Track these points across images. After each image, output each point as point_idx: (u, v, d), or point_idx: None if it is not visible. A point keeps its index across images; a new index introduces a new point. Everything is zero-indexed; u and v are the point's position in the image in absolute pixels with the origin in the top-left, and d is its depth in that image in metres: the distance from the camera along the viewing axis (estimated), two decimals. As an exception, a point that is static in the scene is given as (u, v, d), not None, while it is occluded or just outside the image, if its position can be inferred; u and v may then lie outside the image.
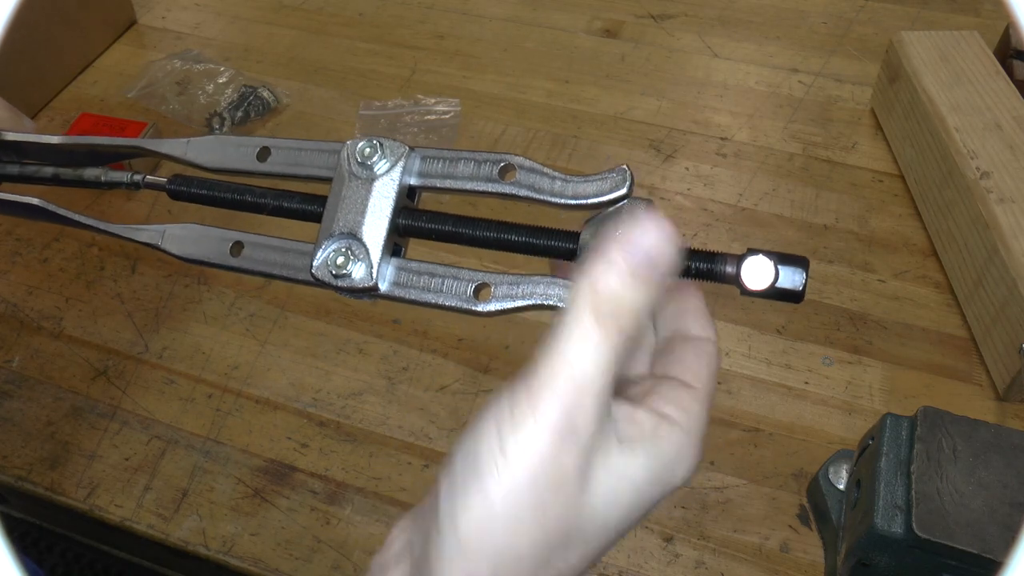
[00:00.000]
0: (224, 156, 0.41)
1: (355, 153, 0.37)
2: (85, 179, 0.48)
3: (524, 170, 0.36)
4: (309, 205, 0.39)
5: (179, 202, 0.44)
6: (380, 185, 0.36)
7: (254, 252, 0.40)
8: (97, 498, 0.66)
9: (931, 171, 0.80)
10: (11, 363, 0.74)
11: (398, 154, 0.36)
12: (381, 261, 0.36)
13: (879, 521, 0.50)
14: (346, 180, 0.37)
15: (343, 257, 0.36)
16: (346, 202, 0.36)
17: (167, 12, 1.12)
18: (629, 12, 1.09)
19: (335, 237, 0.36)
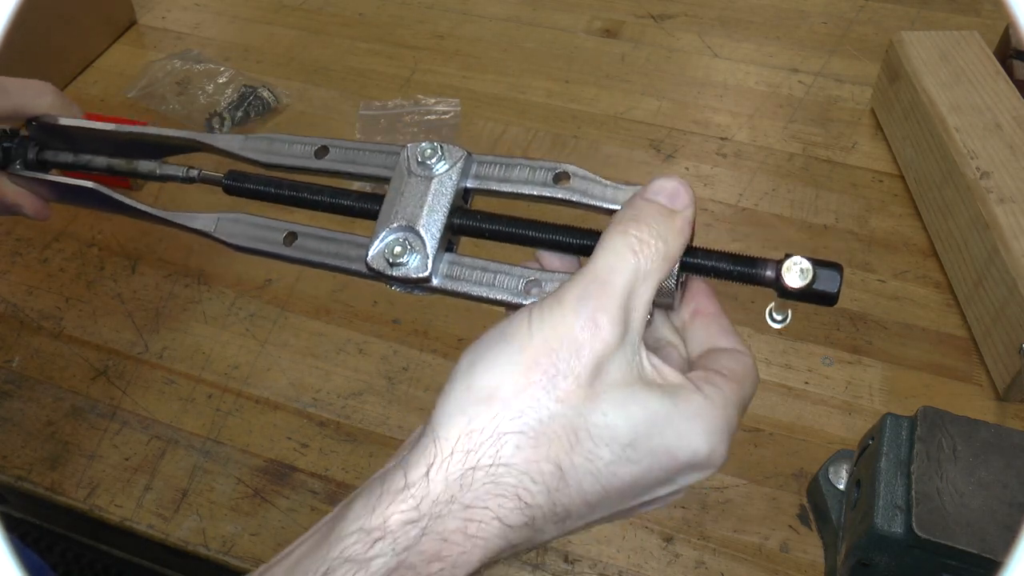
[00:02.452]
0: (280, 153, 0.43)
1: (416, 154, 0.38)
2: (139, 171, 0.49)
3: (578, 177, 0.38)
4: (366, 203, 0.41)
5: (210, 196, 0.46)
6: (438, 183, 0.38)
7: (307, 242, 0.41)
8: (97, 498, 0.66)
9: (931, 171, 0.80)
10: (11, 363, 0.74)
11: (456, 157, 0.38)
12: (436, 254, 0.37)
13: (879, 521, 0.50)
14: (406, 177, 0.38)
15: (400, 247, 0.37)
16: (405, 197, 0.38)
17: (167, 12, 1.12)
18: (629, 12, 1.09)
19: (393, 229, 0.38)
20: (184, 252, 0.82)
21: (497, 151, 0.91)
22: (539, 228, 0.39)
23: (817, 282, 0.35)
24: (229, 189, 0.45)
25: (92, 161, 0.51)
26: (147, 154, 0.50)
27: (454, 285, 0.38)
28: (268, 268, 0.79)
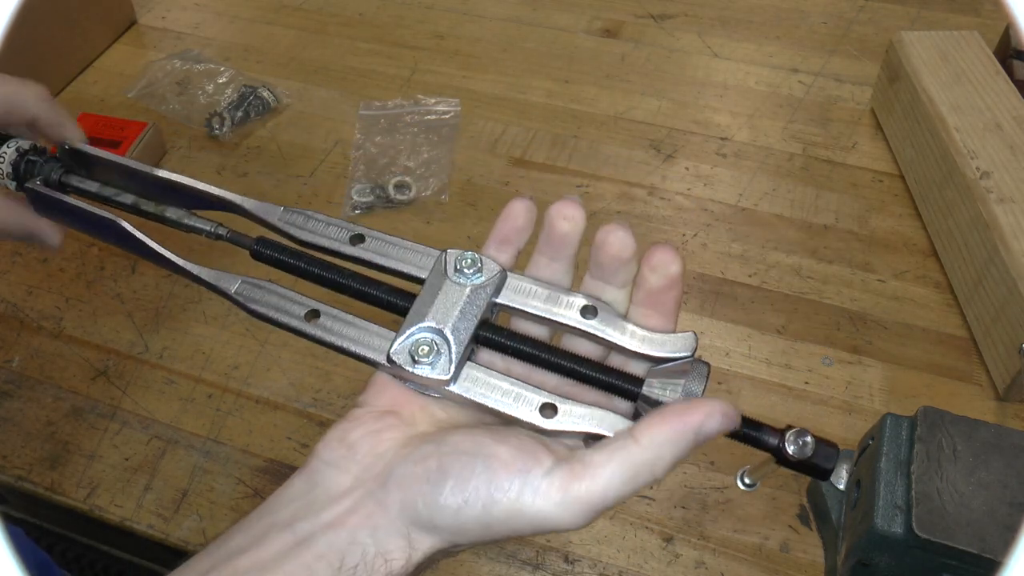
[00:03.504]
0: (315, 232, 0.43)
1: (455, 261, 0.40)
2: (166, 217, 0.48)
3: (605, 314, 0.39)
4: (395, 298, 0.41)
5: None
6: (473, 293, 0.39)
7: (329, 322, 0.42)
8: (97, 498, 0.66)
9: (931, 171, 0.80)
10: (11, 363, 0.74)
11: (493, 271, 0.40)
12: (459, 360, 0.38)
13: (879, 521, 0.50)
14: (443, 282, 0.40)
15: (428, 346, 0.38)
16: (439, 299, 0.39)
17: (167, 12, 1.12)
18: (629, 12, 1.09)
19: (421, 328, 0.39)
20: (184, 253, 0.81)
21: (497, 151, 0.91)
22: (560, 356, 0.39)
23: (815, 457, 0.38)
24: (257, 255, 0.45)
25: (118, 196, 0.50)
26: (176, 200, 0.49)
27: (471, 394, 0.39)
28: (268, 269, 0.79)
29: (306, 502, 0.35)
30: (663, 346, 0.38)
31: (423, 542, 0.34)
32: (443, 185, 0.87)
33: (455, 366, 0.38)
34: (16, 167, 0.51)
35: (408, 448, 0.36)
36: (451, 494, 0.34)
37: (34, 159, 0.51)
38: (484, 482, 0.34)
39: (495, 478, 0.34)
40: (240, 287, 0.44)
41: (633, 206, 0.85)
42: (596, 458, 0.34)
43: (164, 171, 0.48)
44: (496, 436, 0.35)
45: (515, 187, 0.87)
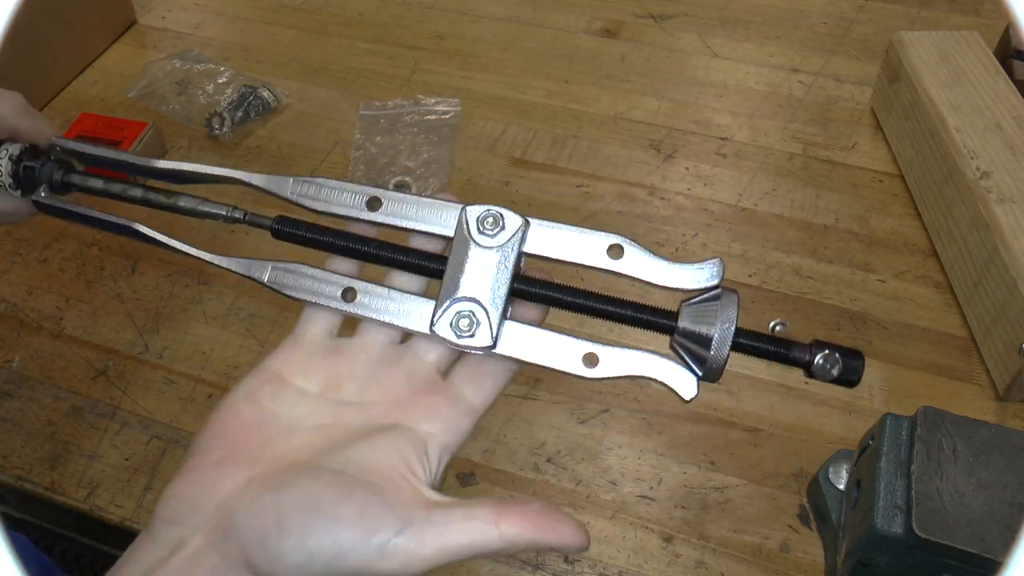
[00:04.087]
0: (330, 201, 0.43)
1: (476, 219, 0.40)
2: (180, 206, 0.47)
3: (632, 252, 0.39)
4: (429, 262, 0.41)
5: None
6: (502, 255, 0.40)
7: (367, 299, 0.41)
8: (97, 498, 0.66)
9: (931, 171, 0.80)
10: (11, 363, 0.74)
11: (516, 225, 0.40)
12: (499, 324, 0.39)
13: (879, 521, 0.50)
14: (470, 246, 0.40)
15: (467, 320, 0.39)
16: (469, 267, 0.40)
17: (167, 12, 1.12)
18: (629, 12, 1.09)
19: (457, 299, 0.39)
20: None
21: (497, 151, 0.91)
22: (595, 299, 0.40)
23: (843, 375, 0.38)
24: (278, 234, 0.44)
25: (127, 191, 0.48)
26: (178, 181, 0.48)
27: (515, 352, 0.39)
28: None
29: (152, 560, 0.35)
30: (692, 277, 0.39)
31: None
32: (443, 185, 0.87)
33: (496, 331, 0.39)
34: (16, 176, 0.50)
35: (248, 496, 0.35)
36: (292, 552, 0.33)
37: (31, 165, 0.50)
38: (329, 541, 0.33)
39: (340, 539, 0.33)
40: (272, 274, 0.43)
41: (633, 206, 0.85)
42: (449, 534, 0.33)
43: (164, 161, 0.47)
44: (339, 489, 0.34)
45: (515, 187, 0.87)
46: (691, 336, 0.38)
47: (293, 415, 0.38)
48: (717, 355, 0.38)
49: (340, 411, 0.39)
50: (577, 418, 0.69)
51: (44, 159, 0.50)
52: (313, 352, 0.41)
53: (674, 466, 0.66)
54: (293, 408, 0.39)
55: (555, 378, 0.71)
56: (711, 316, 0.38)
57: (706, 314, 0.38)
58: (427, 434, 0.37)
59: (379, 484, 0.34)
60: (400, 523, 0.33)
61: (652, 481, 0.65)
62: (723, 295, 0.38)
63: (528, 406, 0.70)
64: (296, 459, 0.36)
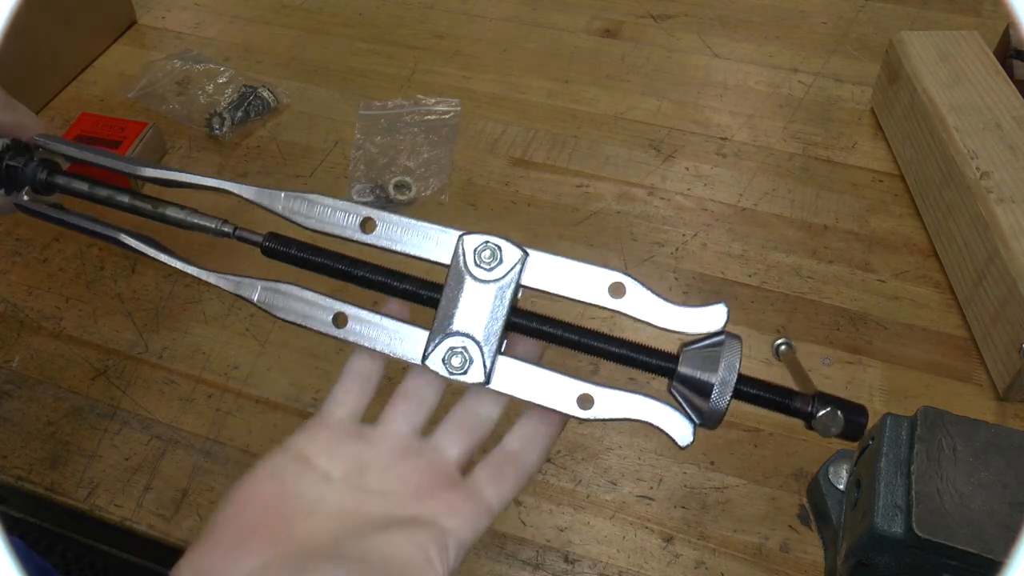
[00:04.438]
0: (323, 220, 0.42)
1: (473, 251, 0.39)
2: (168, 216, 0.46)
3: (635, 291, 0.38)
4: (426, 291, 0.40)
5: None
6: (499, 290, 0.38)
7: (358, 326, 0.41)
8: (97, 498, 0.66)
9: (931, 171, 0.80)
10: (11, 363, 0.74)
11: (515, 258, 0.38)
12: (492, 360, 0.38)
13: (879, 521, 0.50)
14: (465, 279, 0.39)
15: (459, 357, 0.38)
16: (464, 301, 0.39)
17: (167, 12, 1.12)
18: (629, 12, 1.09)
19: (451, 333, 0.39)
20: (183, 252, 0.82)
21: (497, 151, 0.91)
22: (594, 337, 0.39)
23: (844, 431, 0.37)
24: (269, 252, 0.43)
25: (113, 197, 0.47)
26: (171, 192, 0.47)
27: (506, 388, 0.39)
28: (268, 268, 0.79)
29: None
30: (695, 322, 0.38)
31: None
32: (443, 185, 0.87)
33: (489, 368, 0.38)
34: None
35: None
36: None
37: (14, 164, 0.48)
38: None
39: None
40: (262, 294, 0.42)
41: (633, 206, 0.85)
42: None
43: (151, 168, 0.45)
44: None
45: (515, 187, 0.87)
46: (690, 382, 0.37)
47: (315, 497, 0.38)
48: (717, 404, 0.37)
49: (362, 497, 0.38)
50: (577, 418, 0.69)
51: (27, 158, 0.48)
52: (339, 435, 0.40)
53: (674, 466, 0.66)
54: (316, 490, 0.38)
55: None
56: (712, 362, 0.37)
57: (707, 360, 0.37)
58: (447, 529, 0.37)
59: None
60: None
61: (652, 481, 0.65)
62: (726, 341, 0.37)
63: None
64: (317, 543, 0.36)
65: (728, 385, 0.37)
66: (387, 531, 0.36)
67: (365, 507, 0.38)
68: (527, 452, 0.40)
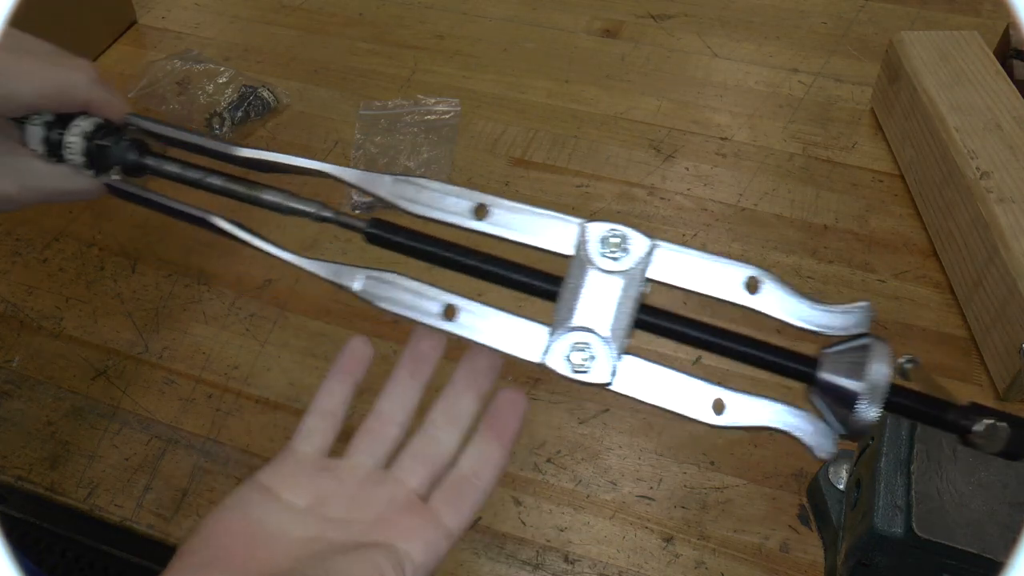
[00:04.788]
0: (432, 205, 0.39)
1: (597, 239, 0.36)
2: (264, 199, 0.43)
3: (771, 288, 0.36)
4: (544, 283, 0.37)
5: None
6: (626, 283, 0.36)
7: (470, 319, 0.38)
8: (97, 498, 0.66)
9: (931, 171, 0.80)
10: (11, 363, 0.74)
11: (644, 248, 0.36)
12: (618, 359, 0.36)
13: (879, 521, 0.50)
14: (588, 270, 0.36)
15: (583, 353, 0.35)
16: (587, 294, 0.36)
17: (167, 12, 1.12)
18: (629, 12, 1.09)
19: (572, 328, 0.36)
20: (184, 252, 0.82)
21: (497, 151, 0.91)
22: (728, 337, 0.36)
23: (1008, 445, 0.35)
24: (373, 239, 0.40)
25: (204, 179, 0.44)
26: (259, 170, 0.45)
27: (632, 391, 0.36)
28: (268, 268, 0.79)
29: None
30: (837, 321, 0.35)
31: None
32: (443, 185, 0.87)
33: (614, 367, 0.36)
34: (89, 153, 0.45)
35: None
36: None
37: (105, 143, 0.46)
38: None
39: None
40: (365, 284, 0.40)
41: (633, 206, 0.85)
42: None
43: (247, 149, 0.43)
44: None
45: (515, 187, 0.87)
46: (832, 389, 0.34)
47: (279, 527, 0.39)
48: (864, 415, 0.33)
49: (324, 526, 0.40)
50: (577, 418, 0.69)
51: (118, 137, 0.46)
52: (304, 468, 0.42)
53: (674, 466, 0.66)
54: (279, 520, 0.39)
55: (555, 378, 0.71)
56: (857, 368, 0.33)
57: (852, 365, 0.34)
58: (404, 552, 0.38)
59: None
60: None
61: (652, 481, 0.65)
62: (873, 346, 0.34)
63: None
64: (278, 568, 0.37)
65: (878, 394, 0.33)
66: (346, 554, 0.37)
67: (327, 535, 0.39)
68: (481, 474, 0.41)
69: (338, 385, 0.44)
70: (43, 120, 0.45)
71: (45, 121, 0.45)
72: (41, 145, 0.45)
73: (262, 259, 0.44)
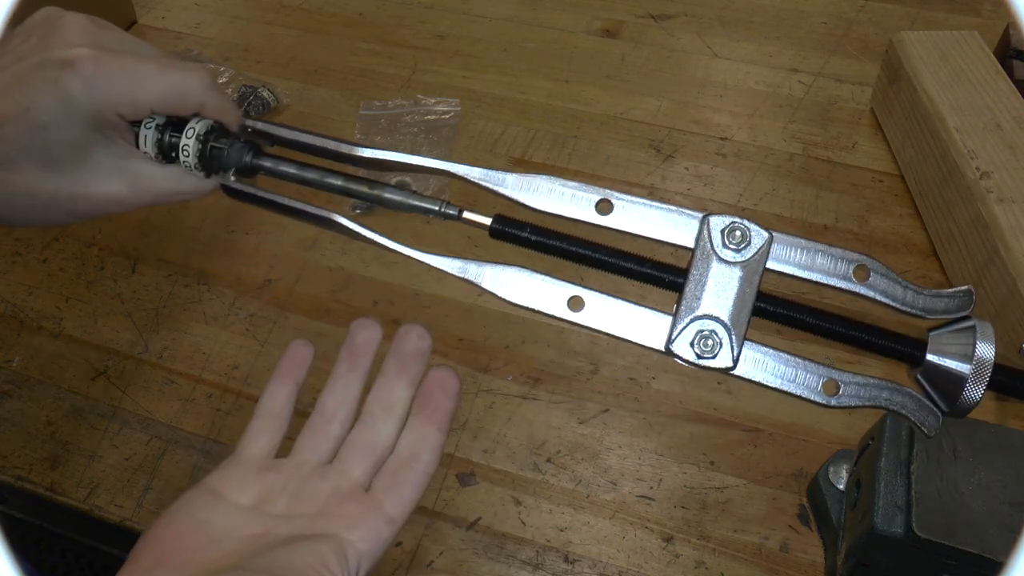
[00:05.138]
0: (556, 200, 0.40)
1: (720, 232, 0.38)
2: (386, 199, 0.44)
3: (878, 275, 0.38)
4: (668, 274, 0.39)
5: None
6: (747, 272, 0.38)
7: (595, 310, 0.40)
8: (97, 498, 0.66)
9: (931, 171, 0.80)
10: (11, 363, 0.74)
11: (763, 240, 0.38)
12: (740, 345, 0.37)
13: (879, 521, 0.50)
14: (713, 261, 0.38)
15: (710, 340, 0.37)
16: (712, 284, 0.38)
17: (167, 12, 1.12)
18: (629, 12, 1.09)
19: (698, 316, 0.38)
20: (184, 252, 0.82)
21: (497, 151, 0.91)
22: (840, 323, 0.39)
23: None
24: (498, 234, 0.41)
25: (323, 179, 0.45)
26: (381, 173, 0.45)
27: (752, 375, 0.38)
28: (268, 268, 0.79)
29: None
30: (940, 305, 0.37)
31: None
32: (443, 185, 0.87)
33: (737, 352, 0.37)
34: (202, 157, 0.46)
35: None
36: None
37: (219, 146, 0.46)
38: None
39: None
40: (491, 277, 0.41)
41: (633, 206, 0.85)
42: None
43: (368, 149, 0.44)
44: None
45: (515, 187, 0.87)
46: (939, 371, 0.37)
47: (225, 526, 0.40)
48: (970, 394, 0.36)
49: (270, 522, 0.40)
50: (577, 418, 0.69)
51: (232, 139, 0.46)
52: (250, 469, 0.43)
53: (674, 466, 0.66)
54: (226, 520, 0.41)
55: (555, 378, 0.72)
56: (964, 350, 0.36)
57: (958, 347, 0.36)
58: (347, 541, 0.39)
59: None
60: None
61: (652, 481, 0.65)
62: (979, 327, 0.37)
63: (528, 406, 0.70)
64: (224, 564, 0.38)
65: (984, 373, 0.36)
66: (289, 546, 0.38)
67: (273, 530, 0.40)
68: (420, 457, 0.42)
69: (281, 388, 0.46)
70: (155, 123, 0.45)
71: (157, 124, 0.45)
72: (154, 148, 0.45)
73: (262, 259, 0.44)
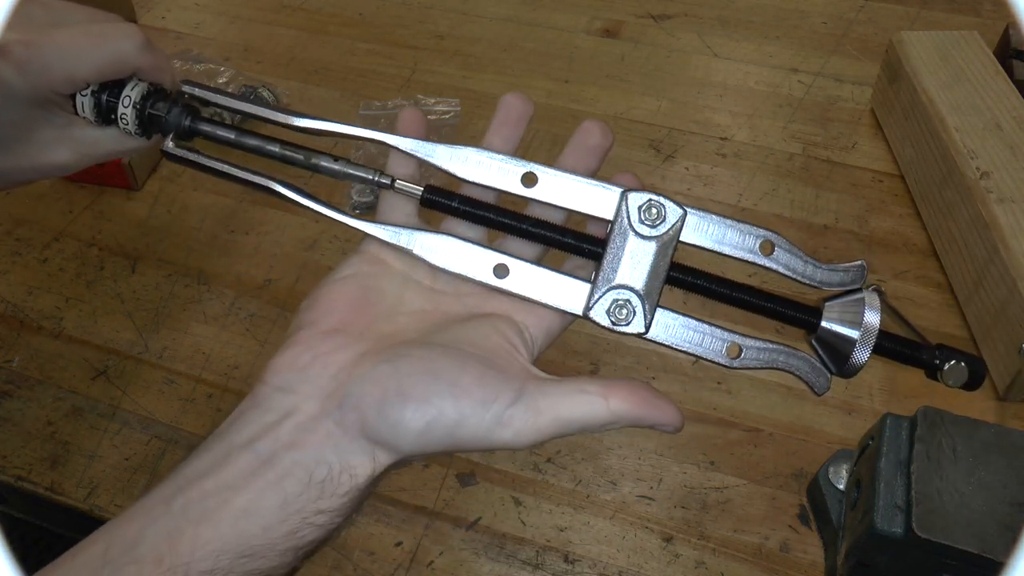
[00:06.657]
0: (484, 172, 0.42)
1: (637, 208, 0.41)
2: (321, 167, 0.45)
3: (782, 249, 0.41)
4: (587, 244, 0.42)
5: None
6: (662, 246, 0.40)
7: (519, 277, 0.42)
8: (97, 498, 0.66)
9: (931, 171, 0.80)
10: (11, 363, 0.74)
11: (677, 216, 0.41)
12: (652, 312, 0.40)
13: (879, 521, 0.50)
14: (629, 235, 0.41)
15: (625, 309, 0.40)
16: (628, 257, 0.40)
17: (167, 12, 1.12)
18: (629, 12, 1.09)
19: (614, 287, 0.40)
20: (184, 252, 0.82)
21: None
22: (746, 292, 0.42)
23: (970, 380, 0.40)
24: (429, 204, 0.43)
25: (262, 147, 0.46)
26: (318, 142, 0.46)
27: (663, 338, 0.41)
28: (268, 268, 0.79)
29: (261, 425, 0.36)
30: (836, 279, 0.41)
31: (384, 456, 0.35)
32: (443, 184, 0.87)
33: (649, 320, 0.40)
34: (141, 122, 0.46)
35: (361, 368, 0.36)
36: (414, 417, 0.34)
37: (157, 113, 0.46)
38: (449, 408, 0.34)
39: (460, 406, 0.34)
40: (421, 243, 0.42)
41: (633, 206, 0.85)
42: (562, 406, 0.35)
43: (304, 119, 0.44)
44: (454, 360, 0.36)
45: (515, 187, 0.87)
46: (832, 335, 0.40)
47: (396, 296, 0.40)
48: (858, 356, 0.40)
49: (438, 298, 0.41)
50: (577, 418, 0.69)
51: (170, 104, 0.46)
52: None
53: (674, 466, 0.66)
54: (396, 290, 0.41)
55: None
56: (854, 318, 0.40)
57: (848, 315, 0.40)
58: (522, 323, 0.40)
59: (490, 359, 0.37)
60: (515, 393, 0.35)
61: (652, 481, 0.65)
62: (867, 298, 0.40)
63: (528, 406, 0.70)
64: (404, 337, 0.38)
65: (870, 338, 0.40)
66: (468, 323, 0.39)
67: (443, 307, 0.40)
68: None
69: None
70: (91, 89, 0.46)
71: (93, 91, 0.46)
72: (92, 113, 0.46)
73: (262, 259, 0.44)
